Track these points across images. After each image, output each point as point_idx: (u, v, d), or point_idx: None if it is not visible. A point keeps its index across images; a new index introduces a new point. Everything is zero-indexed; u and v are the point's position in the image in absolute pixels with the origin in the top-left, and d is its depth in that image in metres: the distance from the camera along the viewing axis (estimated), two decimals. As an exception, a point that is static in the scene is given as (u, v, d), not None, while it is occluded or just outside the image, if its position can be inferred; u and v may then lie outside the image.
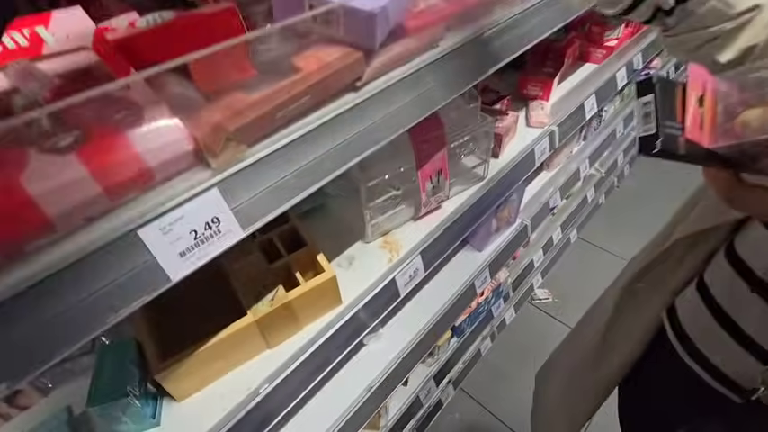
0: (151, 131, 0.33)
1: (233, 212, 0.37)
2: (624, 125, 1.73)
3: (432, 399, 1.42)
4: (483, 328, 1.54)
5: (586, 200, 1.88)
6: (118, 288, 0.32)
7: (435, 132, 0.70)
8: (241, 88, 0.38)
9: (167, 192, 0.34)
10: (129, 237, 0.32)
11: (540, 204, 1.33)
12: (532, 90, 1.10)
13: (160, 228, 0.33)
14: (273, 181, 0.40)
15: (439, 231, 0.81)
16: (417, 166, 0.71)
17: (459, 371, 1.58)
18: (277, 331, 0.61)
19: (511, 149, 0.97)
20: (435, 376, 1.33)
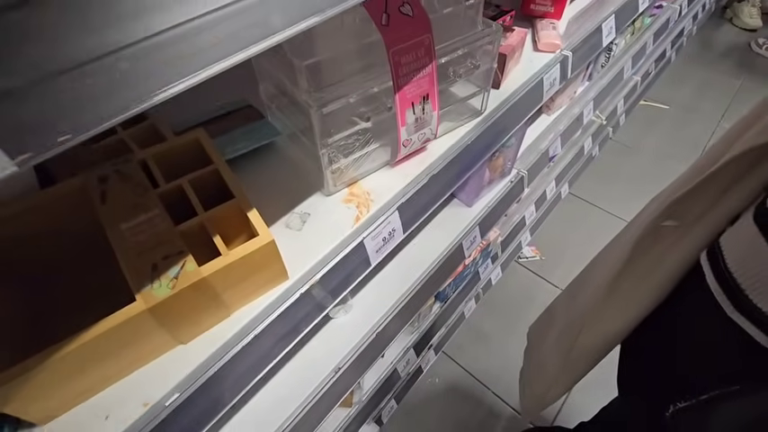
0: None
1: None
2: (632, 63, 1.52)
3: (411, 368, 1.30)
4: (468, 292, 1.40)
5: (583, 150, 1.71)
6: None
7: (420, 35, 0.49)
8: None
9: None
10: None
11: (538, 153, 1.15)
12: (541, 5, 0.88)
13: None
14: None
15: (422, 181, 0.62)
16: (395, 87, 0.50)
17: (441, 336, 1.45)
18: (188, 321, 0.42)
19: (514, 78, 0.77)
20: (416, 346, 1.19)
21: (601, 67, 1.35)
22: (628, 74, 1.52)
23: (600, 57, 1.30)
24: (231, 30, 0.23)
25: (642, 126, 2.43)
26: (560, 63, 0.82)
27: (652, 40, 1.59)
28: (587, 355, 0.64)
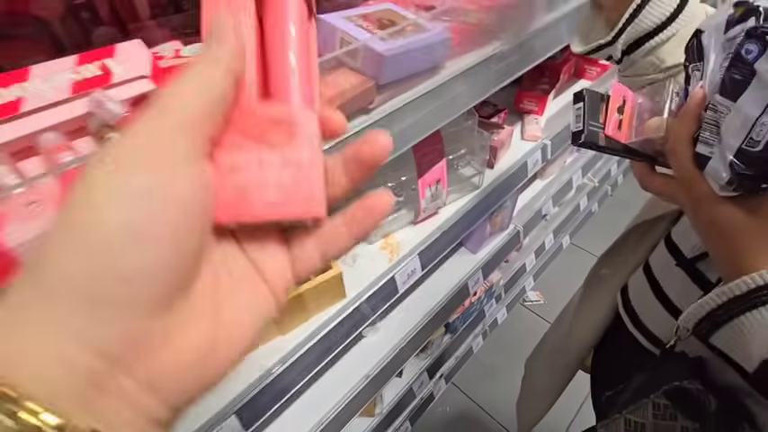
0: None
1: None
2: (617, 137, 1.80)
3: (424, 391, 1.50)
4: (475, 327, 1.62)
5: (579, 208, 1.96)
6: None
7: (435, 146, 0.77)
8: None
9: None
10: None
11: (532, 211, 1.40)
12: (528, 105, 1.17)
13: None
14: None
15: (436, 235, 0.88)
16: (418, 176, 0.78)
17: (452, 366, 1.66)
18: (289, 319, 0.68)
19: (505, 161, 1.05)
20: (429, 369, 1.40)
21: (588, 141, 1.63)
22: (614, 145, 1.79)
23: (586, 133, 1.58)
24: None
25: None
26: (541, 149, 1.10)
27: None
28: (562, 376, 0.81)
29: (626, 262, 0.68)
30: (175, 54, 0.47)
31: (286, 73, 0.21)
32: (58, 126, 0.37)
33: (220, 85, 0.18)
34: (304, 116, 0.20)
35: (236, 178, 0.19)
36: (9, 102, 0.34)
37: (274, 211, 0.19)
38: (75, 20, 0.62)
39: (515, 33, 0.69)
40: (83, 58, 0.38)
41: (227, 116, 0.19)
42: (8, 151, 0.35)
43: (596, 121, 0.42)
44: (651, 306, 0.58)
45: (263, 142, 0.19)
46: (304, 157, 0.20)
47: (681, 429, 0.46)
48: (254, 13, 0.20)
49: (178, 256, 0.16)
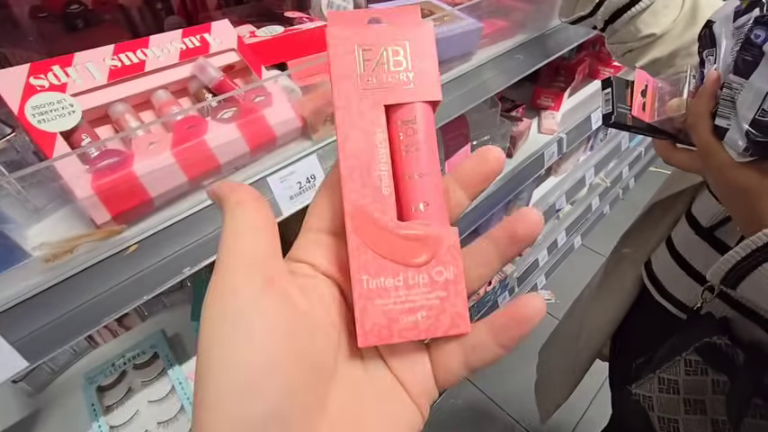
0: (276, 111, 0.48)
1: (324, 172, 0.51)
2: (629, 139, 1.86)
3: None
4: (488, 318, 1.67)
5: (591, 208, 2.01)
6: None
7: (461, 130, 0.85)
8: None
9: (284, 153, 0.48)
10: (260, 182, 0.46)
11: (546, 205, 1.46)
12: (545, 101, 1.24)
13: (279, 177, 0.47)
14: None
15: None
16: (445, 158, 0.85)
17: (464, 357, 1.70)
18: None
19: (523, 151, 1.11)
20: (443, 355, 1.45)
21: (600, 141, 1.69)
22: (626, 146, 1.85)
23: (599, 133, 1.64)
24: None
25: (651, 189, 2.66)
26: (557, 142, 1.16)
27: (648, 120, 1.93)
28: (586, 354, 0.81)
29: (648, 239, 0.71)
30: (251, 34, 0.55)
31: (423, 191, 0.21)
32: (168, 86, 0.45)
33: (265, 218, 0.18)
34: (445, 232, 0.20)
35: (383, 301, 0.19)
36: (135, 63, 0.42)
37: (421, 331, 0.20)
38: (149, 9, 0.71)
39: (539, 28, 0.77)
40: (186, 32, 0.46)
41: (275, 235, 0.19)
42: (132, 103, 0.43)
43: (623, 104, 0.47)
44: (675, 275, 0.61)
45: (409, 264, 0.20)
46: (449, 277, 0.20)
47: (711, 383, 0.49)
48: (385, 125, 0.21)
49: (288, 391, 0.16)
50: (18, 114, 0.36)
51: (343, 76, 0.20)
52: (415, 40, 0.21)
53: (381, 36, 0.21)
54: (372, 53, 0.21)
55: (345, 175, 0.20)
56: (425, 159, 0.21)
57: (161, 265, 0.41)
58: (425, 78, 0.21)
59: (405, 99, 0.21)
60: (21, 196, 0.40)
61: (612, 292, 0.75)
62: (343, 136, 0.20)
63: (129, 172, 0.38)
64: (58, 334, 0.37)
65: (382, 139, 0.21)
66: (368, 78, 0.21)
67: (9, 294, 0.35)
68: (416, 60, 0.21)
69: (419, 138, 0.21)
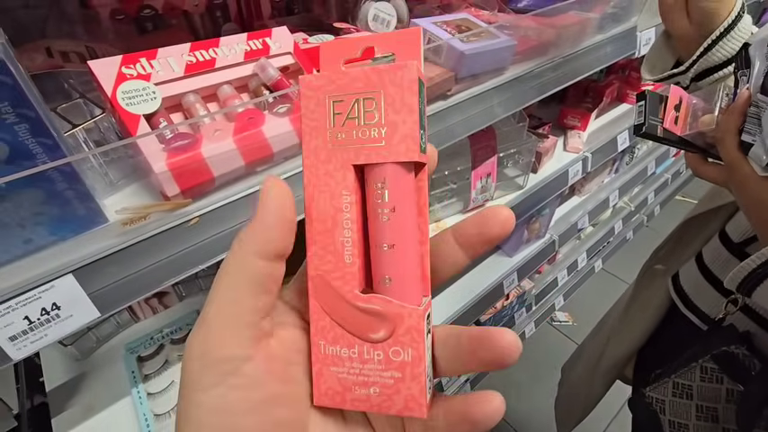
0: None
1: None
2: (656, 164, 1.85)
3: (450, 391, 1.55)
4: (504, 333, 1.67)
5: (614, 231, 2.00)
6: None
7: (489, 142, 0.88)
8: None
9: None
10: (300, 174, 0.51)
11: (568, 224, 1.47)
12: (571, 120, 1.27)
13: (323, 169, 0.52)
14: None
15: (481, 225, 0.98)
16: (472, 167, 0.89)
17: (476, 373, 1.70)
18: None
19: (548, 167, 1.14)
20: (457, 366, 1.46)
21: (626, 164, 1.70)
22: (652, 171, 1.85)
23: (624, 156, 1.65)
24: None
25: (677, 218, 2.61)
26: (582, 161, 1.18)
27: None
28: (609, 370, 0.81)
29: (680, 256, 0.72)
30: (304, 41, 0.60)
31: (388, 264, 0.19)
32: (232, 81, 0.51)
33: (266, 274, 0.18)
34: (407, 312, 0.19)
35: (337, 368, 0.19)
36: (207, 60, 0.48)
37: (374, 405, 0.19)
38: (210, 16, 0.78)
39: (569, 49, 0.81)
40: (251, 36, 0.52)
41: (278, 291, 0.19)
42: (202, 94, 0.49)
43: (656, 117, 0.50)
44: (702, 288, 0.63)
45: (364, 339, 0.19)
46: (406, 359, 0.19)
47: (726, 392, 0.49)
48: (353, 187, 0.19)
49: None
50: (111, 97, 0.41)
51: (312, 131, 0.19)
52: (391, 87, 0.18)
53: (355, 84, 0.19)
54: (344, 105, 0.19)
55: (309, 239, 0.19)
56: (394, 229, 0.19)
57: (216, 239, 0.46)
58: (398, 135, 0.19)
59: (373, 159, 0.19)
60: (101, 170, 0.46)
61: (643, 308, 0.75)
62: (308, 198, 0.19)
63: (197, 153, 0.43)
64: (126, 291, 0.42)
65: (349, 203, 0.19)
66: (337, 134, 0.19)
67: (89, 252, 0.40)
68: (390, 113, 0.18)
69: (388, 204, 0.19)
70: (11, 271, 0.38)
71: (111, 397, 0.67)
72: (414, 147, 0.18)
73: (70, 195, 0.37)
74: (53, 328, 0.39)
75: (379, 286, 0.19)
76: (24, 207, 0.35)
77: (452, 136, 0.67)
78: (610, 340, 0.81)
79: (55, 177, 0.35)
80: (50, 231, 0.39)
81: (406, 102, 0.18)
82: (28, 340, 0.37)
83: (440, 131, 0.65)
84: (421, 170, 0.20)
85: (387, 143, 0.19)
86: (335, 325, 0.19)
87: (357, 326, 0.19)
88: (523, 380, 1.85)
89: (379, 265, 0.19)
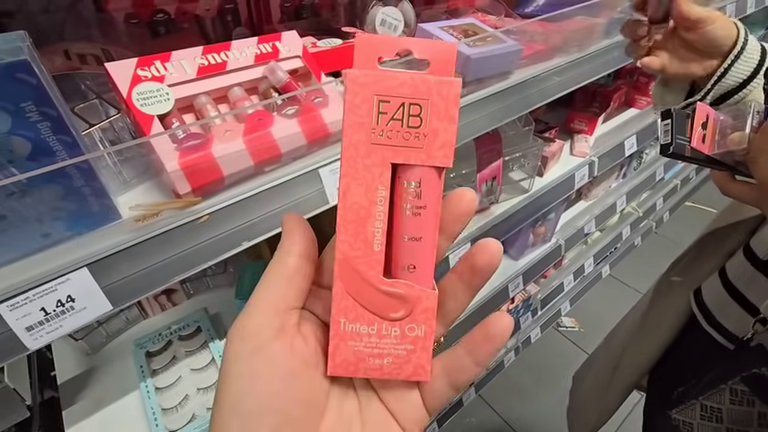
0: (331, 111, 0.54)
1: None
2: (665, 170, 1.84)
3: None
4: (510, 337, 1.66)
5: (621, 236, 1.99)
6: (292, 209, 0.52)
7: (494, 145, 0.89)
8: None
9: (336, 149, 0.54)
10: (313, 173, 0.52)
11: (575, 228, 1.47)
12: (578, 125, 1.27)
13: (330, 170, 0.53)
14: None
15: (486, 228, 0.99)
16: (477, 170, 0.90)
17: (482, 377, 1.70)
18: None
19: (554, 171, 1.14)
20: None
21: (633, 169, 1.69)
22: (660, 177, 1.84)
23: (632, 161, 1.64)
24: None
25: (687, 225, 2.61)
26: (589, 165, 1.18)
27: (684, 152, 1.91)
28: (625, 383, 0.80)
29: (700, 268, 0.70)
30: (313, 45, 0.62)
31: (413, 254, 0.21)
32: (243, 84, 0.52)
33: (294, 269, 0.21)
34: (425, 295, 0.21)
35: (355, 342, 0.22)
36: (218, 63, 0.49)
37: (384, 373, 0.22)
38: (221, 20, 0.80)
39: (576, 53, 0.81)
40: (261, 39, 0.53)
41: (305, 289, 0.22)
42: (213, 96, 0.50)
43: (683, 135, 0.49)
44: (726, 304, 0.61)
45: (386, 317, 0.21)
46: (420, 334, 0.22)
47: (758, 415, 0.48)
48: (389, 182, 0.21)
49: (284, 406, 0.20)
50: (126, 98, 0.43)
51: (355, 126, 0.20)
52: (437, 97, 0.20)
53: (403, 88, 0.20)
54: (390, 106, 0.20)
55: (340, 225, 0.21)
56: (421, 224, 0.21)
57: (225, 236, 0.47)
58: (438, 142, 0.20)
59: (412, 161, 0.20)
60: (115, 168, 0.47)
61: (660, 320, 0.74)
62: (344, 186, 0.20)
63: (208, 153, 0.44)
64: (138, 285, 0.43)
65: (383, 197, 0.21)
66: (380, 132, 0.20)
67: (103, 247, 0.41)
68: (433, 121, 0.20)
69: (418, 202, 0.21)
70: (29, 264, 0.40)
71: (120, 391, 0.68)
72: (450, 154, 0.20)
73: (87, 192, 0.39)
74: (68, 320, 0.40)
75: (401, 272, 0.22)
76: (44, 202, 0.37)
77: (458, 139, 0.68)
78: (624, 352, 0.80)
79: (73, 174, 0.36)
80: (67, 226, 0.40)
81: (449, 113, 0.20)
82: (44, 330, 0.39)
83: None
84: (443, 172, 0.22)
85: (426, 148, 0.20)
86: (358, 305, 0.21)
87: (380, 306, 0.21)
88: (529, 385, 1.84)
89: (403, 254, 0.21)
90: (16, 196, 0.34)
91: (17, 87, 0.30)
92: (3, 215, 0.35)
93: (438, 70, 0.20)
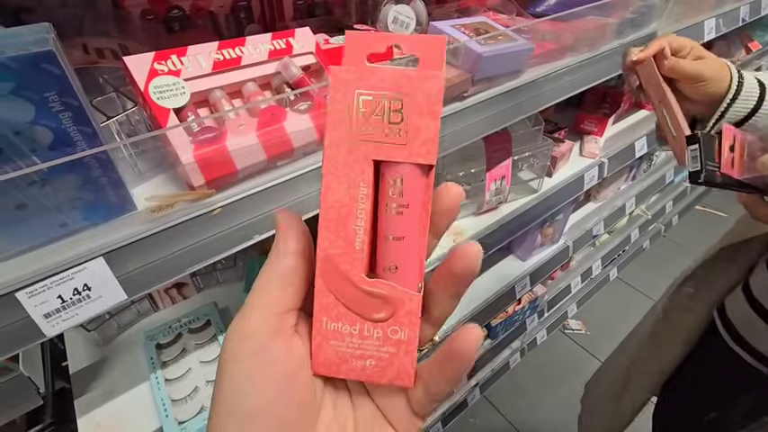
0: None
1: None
2: (675, 173, 1.83)
3: (460, 395, 1.55)
4: (515, 338, 1.66)
5: (629, 239, 1.97)
6: (303, 203, 0.53)
7: (504, 144, 0.89)
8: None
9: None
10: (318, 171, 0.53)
11: (583, 230, 1.46)
12: (588, 126, 1.26)
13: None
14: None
15: (494, 227, 0.99)
16: (487, 169, 0.90)
17: (487, 378, 1.70)
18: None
19: (563, 172, 1.14)
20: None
21: (643, 171, 1.68)
22: (671, 179, 1.82)
23: (642, 163, 1.63)
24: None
25: (696, 229, 2.59)
26: (598, 166, 1.18)
27: (695, 155, 1.89)
28: (638, 393, 0.79)
29: (715, 280, 0.69)
30: (326, 41, 0.62)
31: (396, 254, 0.21)
32: (256, 79, 0.53)
33: (291, 269, 0.21)
34: (408, 297, 0.21)
35: (337, 342, 0.21)
36: (233, 58, 0.50)
37: (367, 375, 0.22)
38: (234, 17, 0.81)
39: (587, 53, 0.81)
40: (275, 36, 0.54)
41: (302, 290, 0.21)
42: (227, 90, 0.51)
43: (712, 161, 0.48)
44: (753, 323, 0.60)
45: (367, 318, 0.21)
46: (403, 338, 0.21)
47: None
48: (371, 180, 0.20)
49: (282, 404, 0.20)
50: (144, 91, 0.44)
51: (337, 122, 0.20)
52: (419, 93, 0.19)
53: (385, 83, 0.20)
54: (371, 102, 0.20)
55: (322, 224, 0.20)
56: (404, 223, 0.20)
57: (237, 229, 0.48)
58: (420, 138, 0.20)
59: (393, 157, 0.20)
60: (131, 160, 0.48)
61: (675, 333, 0.73)
62: (326, 185, 0.20)
63: (222, 146, 0.45)
64: (152, 275, 0.44)
65: (365, 195, 0.20)
66: (362, 128, 0.20)
67: (119, 237, 0.42)
68: (414, 117, 0.20)
69: (401, 201, 0.20)
70: (46, 252, 0.41)
71: (131, 381, 0.69)
72: (433, 151, 0.20)
73: (104, 182, 0.40)
74: (84, 308, 0.41)
75: (384, 273, 0.21)
76: (63, 192, 0.37)
77: (468, 137, 0.68)
78: (637, 362, 0.79)
79: (92, 164, 0.37)
80: (84, 216, 0.41)
81: (432, 109, 0.20)
82: (60, 318, 0.40)
83: (455, 133, 0.66)
84: (431, 170, 0.21)
85: (408, 144, 0.20)
86: (339, 304, 0.21)
87: (361, 306, 0.21)
88: (533, 387, 1.83)
89: (386, 253, 0.21)
90: (37, 186, 0.35)
91: (42, 77, 0.30)
92: (24, 204, 0.36)
93: (428, 65, 0.20)
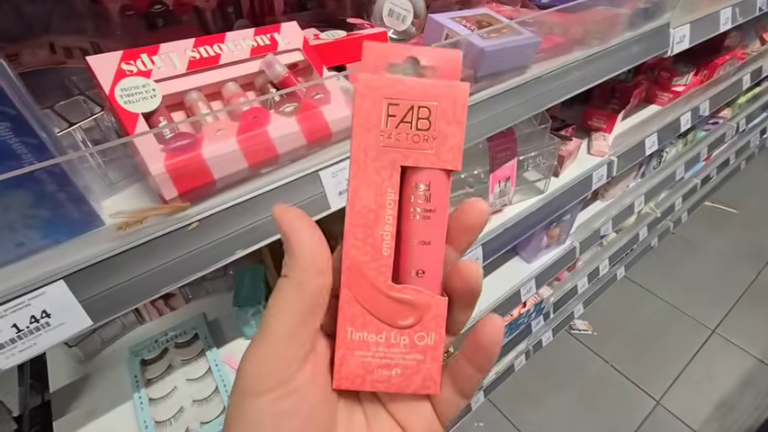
0: (333, 109, 0.50)
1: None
2: (685, 169, 1.77)
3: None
4: (520, 341, 1.62)
5: (638, 238, 1.92)
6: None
7: (509, 144, 0.84)
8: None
9: (338, 150, 0.50)
10: (313, 175, 0.48)
11: (590, 230, 1.41)
12: (596, 122, 1.21)
13: (332, 172, 0.49)
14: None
15: (499, 230, 0.94)
16: (491, 170, 0.85)
17: (491, 380, 1.66)
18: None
19: (570, 171, 1.09)
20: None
21: (653, 168, 1.62)
22: (680, 176, 1.77)
23: (652, 160, 1.58)
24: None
25: (706, 226, 2.53)
26: (607, 165, 1.13)
27: (706, 151, 1.83)
28: None
29: None
30: (315, 37, 0.58)
31: (422, 259, 0.21)
32: (238, 79, 0.48)
33: (313, 293, 0.20)
34: (434, 302, 0.21)
35: (362, 352, 0.21)
36: (211, 56, 0.46)
37: (392, 385, 0.21)
38: (221, 12, 0.76)
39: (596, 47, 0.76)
40: (258, 31, 0.49)
41: (320, 314, 0.20)
42: (205, 92, 0.46)
43: None
44: None
45: (394, 325, 0.21)
46: (429, 343, 0.21)
47: None
48: (398, 185, 0.20)
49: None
50: (109, 95, 0.39)
51: (364, 129, 0.20)
52: (445, 101, 0.20)
53: (412, 91, 0.20)
54: (399, 109, 0.20)
55: (348, 230, 0.20)
56: (430, 228, 0.21)
57: (217, 244, 0.44)
58: (447, 145, 0.20)
59: (422, 163, 0.20)
60: (101, 170, 0.44)
61: None
62: (353, 190, 0.20)
63: (197, 154, 0.41)
64: (121, 298, 0.40)
65: (392, 200, 0.20)
66: (389, 135, 0.20)
67: (83, 257, 0.38)
68: (442, 124, 0.20)
69: (428, 206, 0.20)
70: (1, 276, 0.37)
71: (113, 401, 0.65)
72: (459, 157, 0.20)
73: (62, 198, 0.35)
74: (43, 337, 0.37)
75: (410, 278, 0.21)
76: (13, 209, 0.33)
77: (471, 137, 0.63)
78: None
79: (44, 179, 0.33)
80: (43, 235, 0.37)
81: (457, 117, 0.20)
82: (16, 349, 0.36)
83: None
84: (451, 175, 0.21)
85: (436, 151, 0.20)
86: (366, 312, 0.21)
87: (388, 313, 0.21)
88: (538, 390, 1.79)
89: (412, 258, 0.21)
90: (-20, 203, 0.31)
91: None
92: (-33, 224, 0.32)
93: (444, 77, 0.20)
